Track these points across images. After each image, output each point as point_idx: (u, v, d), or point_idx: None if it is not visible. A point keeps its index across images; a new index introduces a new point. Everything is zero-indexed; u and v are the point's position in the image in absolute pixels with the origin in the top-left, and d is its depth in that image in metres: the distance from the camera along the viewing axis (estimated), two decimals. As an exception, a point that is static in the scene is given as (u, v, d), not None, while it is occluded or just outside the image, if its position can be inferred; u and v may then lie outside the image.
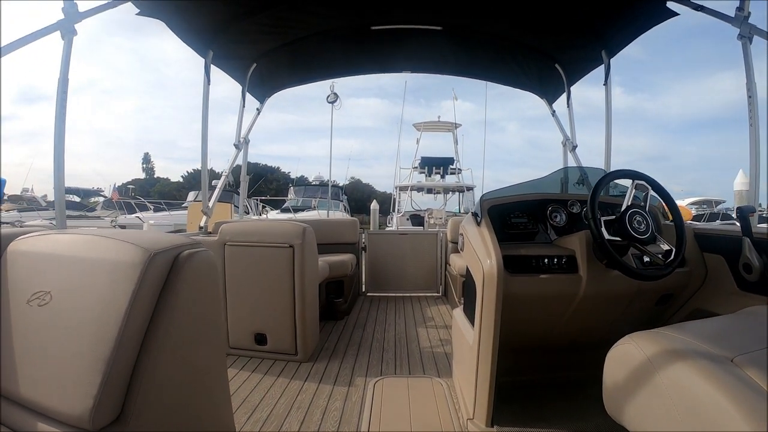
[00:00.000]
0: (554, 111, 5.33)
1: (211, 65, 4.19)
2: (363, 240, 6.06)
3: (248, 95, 5.25)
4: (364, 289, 6.14)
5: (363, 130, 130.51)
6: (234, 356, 3.50)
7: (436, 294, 6.06)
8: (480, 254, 2.18)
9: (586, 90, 5.23)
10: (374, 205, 17.04)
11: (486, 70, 5.32)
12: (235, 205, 19.87)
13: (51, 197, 27.55)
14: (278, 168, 63.94)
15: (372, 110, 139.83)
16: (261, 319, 3.46)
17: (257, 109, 5.42)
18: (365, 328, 4.39)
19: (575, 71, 4.76)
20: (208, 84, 4.16)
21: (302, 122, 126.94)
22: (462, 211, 19.52)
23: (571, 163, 4.97)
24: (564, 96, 5.01)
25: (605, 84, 4.23)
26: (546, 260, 2.26)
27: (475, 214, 2.43)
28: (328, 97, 14.19)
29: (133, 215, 17.43)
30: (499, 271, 2.04)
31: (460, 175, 21.18)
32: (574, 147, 4.81)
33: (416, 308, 5.27)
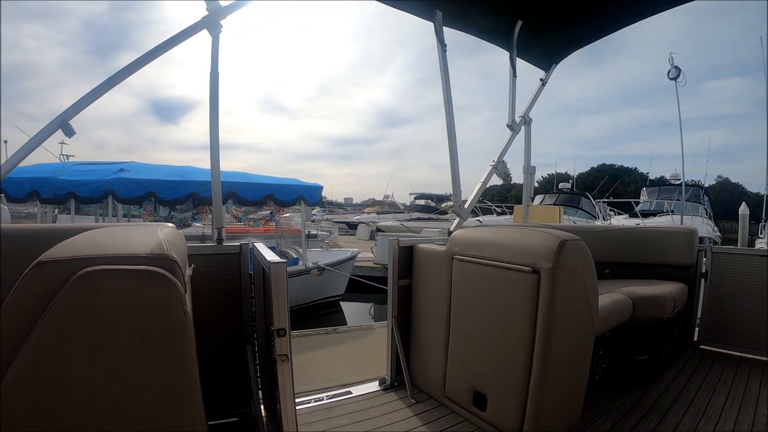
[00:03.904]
0: None
1: (444, 28, 3.17)
2: (704, 262, 3.91)
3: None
4: (695, 338, 3.95)
5: (726, 118, 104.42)
6: (447, 410, 2.57)
7: None
8: None
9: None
10: (743, 209, 13.15)
11: None
12: (581, 209, 18.55)
13: (412, 202, 31.67)
14: (635, 168, 59.24)
15: (734, 92, 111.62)
16: (483, 372, 2.35)
17: (541, 79, 4.12)
18: (666, 418, 2.56)
19: None
20: (443, 51, 3.18)
21: (658, 116, 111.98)
22: None
23: None
24: None
25: None
26: None
27: None
28: (668, 72, 11.20)
29: (475, 219, 18.05)
30: None
31: None
32: None
33: None
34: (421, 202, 31.30)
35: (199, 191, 7.47)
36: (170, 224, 1.91)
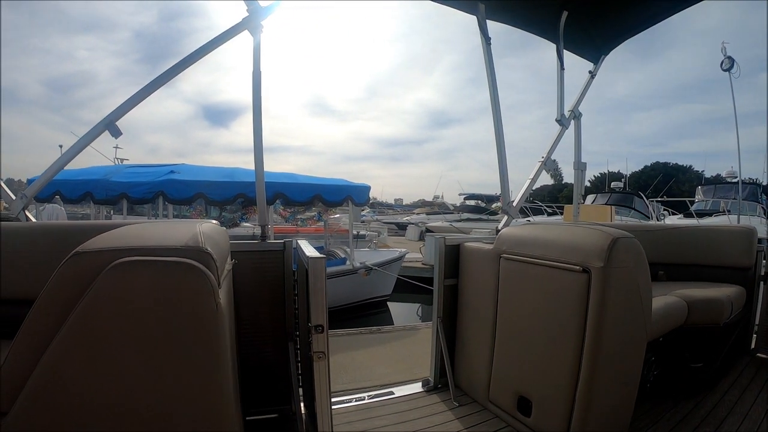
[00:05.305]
0: None
1: (488, 21, 3.13)
2: (763, 264, 3.54)
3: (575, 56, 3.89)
4: (753, 346, 3.61)
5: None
6: (491, 415, 2.49)
7: None
8: None
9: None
10: (805, 208, 12.19)
11: None
12: (634, 209, 17.91)
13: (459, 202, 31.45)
14: (690, 166, 56.51)
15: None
16: (529, 376, 2.26)
17: (590, 72, 4.00)
18: (719, 430, 2.38)
19: None
20: (488, 44, 3.14)
21: (713, 111, 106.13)
22: None
23: None
24: None
25: None
26: None
27: None
28: (722, 63, 10.44)
29: (525, 219, 17.71)
30: None
31: None
32: None
33: None
34: (471, 202, 30.93)
35: (248, 191, 7.67)
36: (213, 221, 1.93)
